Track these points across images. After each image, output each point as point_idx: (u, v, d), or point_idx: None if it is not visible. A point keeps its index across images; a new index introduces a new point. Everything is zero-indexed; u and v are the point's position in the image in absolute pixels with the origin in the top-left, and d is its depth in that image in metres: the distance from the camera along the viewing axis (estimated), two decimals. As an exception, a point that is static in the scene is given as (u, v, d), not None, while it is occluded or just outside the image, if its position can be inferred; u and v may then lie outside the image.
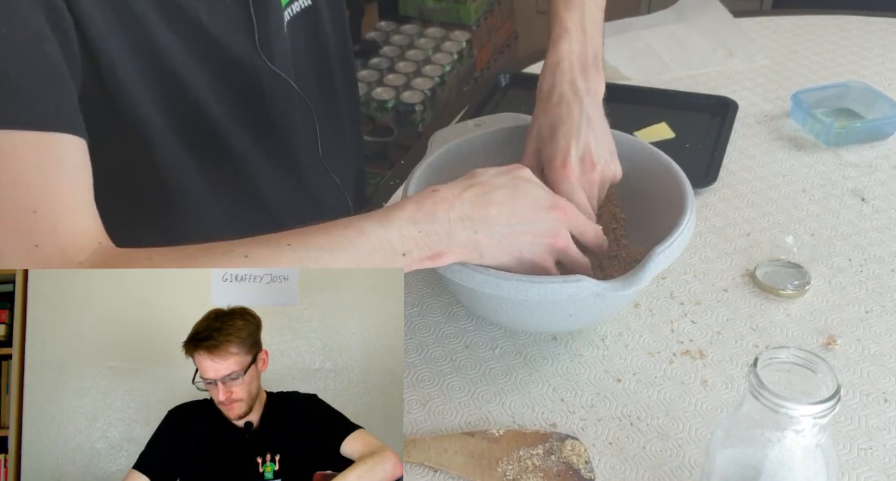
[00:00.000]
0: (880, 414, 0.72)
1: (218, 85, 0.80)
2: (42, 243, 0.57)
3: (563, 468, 0.68)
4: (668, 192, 0.80)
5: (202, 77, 0.78)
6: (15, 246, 0.56)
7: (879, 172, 1.05)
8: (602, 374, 0.78)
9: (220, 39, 0.77)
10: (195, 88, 0.78)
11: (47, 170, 0.58)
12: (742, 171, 1.06)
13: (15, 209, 0.57)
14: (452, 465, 0.69)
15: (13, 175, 0.57)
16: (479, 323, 0.84)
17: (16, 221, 0.57)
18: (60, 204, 0.59)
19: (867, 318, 0.82)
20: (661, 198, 0.81)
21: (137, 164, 0.78)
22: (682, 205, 0.76)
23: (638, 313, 0.84)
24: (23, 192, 0.57)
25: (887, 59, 1.32)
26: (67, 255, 0.58)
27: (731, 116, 1.15)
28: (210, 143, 0.82)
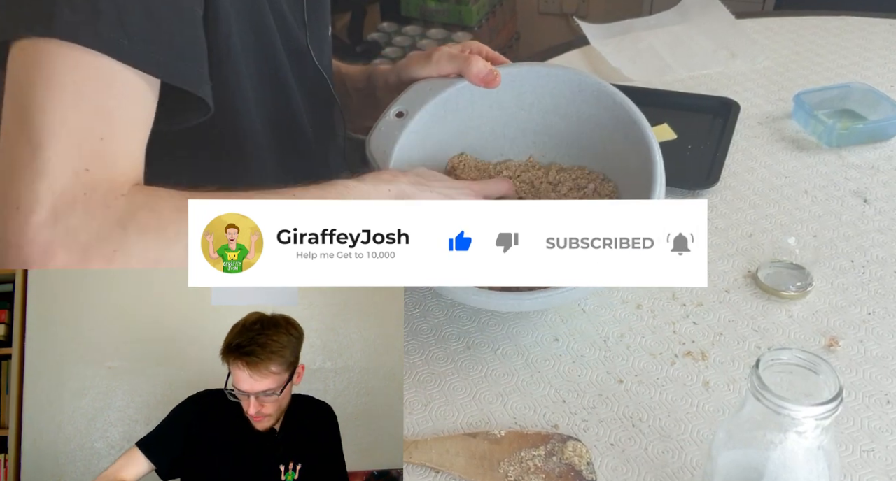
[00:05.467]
0: (882, 416, 0.72)
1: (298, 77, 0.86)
2: (94, 169, 0.56)
3: (564, 469, 0.68)
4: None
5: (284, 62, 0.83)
6: (69, 164, 0.56)
7: (882, 174, 1.04)
8: (604, 375, 0.77)
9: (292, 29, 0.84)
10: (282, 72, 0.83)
11: (131, 108, 0.60)
12: (744, 173, 1.06)
13: (85, 131, 0.57)
14: (454, 466, 0.69)
15: (99, 101, 0.57)
16: (481, 324, 0.83)
17: (80, 143, 0.57)
18: (127, 139, 0.60)
19: (869, 320, 0.82)
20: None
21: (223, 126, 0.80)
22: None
23: (640, 314, 0.84)
24: (99, 119, 0.57)
25: (890, 60, 1.32)
26: (114, 185, 0.57)
27: (733, 117, 1.15)
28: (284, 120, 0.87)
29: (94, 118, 0.57)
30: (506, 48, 2.78)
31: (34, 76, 0.56)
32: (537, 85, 0.89)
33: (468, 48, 0.89)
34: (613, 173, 0.88)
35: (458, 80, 0.85)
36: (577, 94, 0.87)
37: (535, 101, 0.90)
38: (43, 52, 0.56)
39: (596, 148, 0.88)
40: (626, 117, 0.84)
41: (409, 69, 0.88)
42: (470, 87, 0.86)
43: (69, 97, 0.56)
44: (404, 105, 0.84)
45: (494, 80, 0.84)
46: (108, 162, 0.57)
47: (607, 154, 0.87)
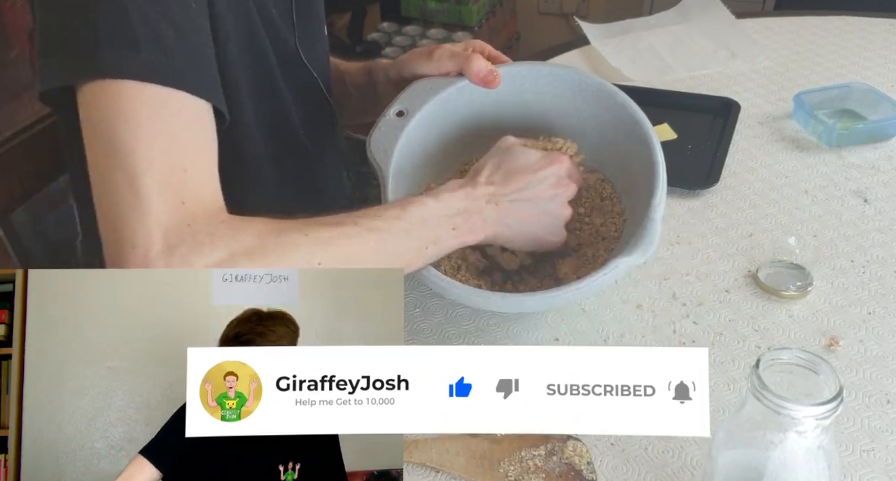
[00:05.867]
0: (883, 416, 0.72)
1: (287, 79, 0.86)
2: (188, 201, 0.59)
3: (564, 469, 0.68)
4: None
5: (274, 65, 0.83)
6: (166, 200, 0.58)
7: (882, 173, 1.04)
8: (603, 375, 0.77)
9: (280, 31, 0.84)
10: (273, 75, 0.83)
11: (199, 133, 0.62)
12: (744, 173, 1.06)
13: (169, 165, 0.59)
14: (454, 466, 0.69)
15: (173, 133, 0.59)
16: (482, 324, 0.83)
17: (169, 176, 0.59)
18: (205, 166, 0.62)
19: (869, 320, 0.82)
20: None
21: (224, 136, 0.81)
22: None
23: (640, 314, 0.84)
24: (178, 150, 0.59)
25: (890, 60, 1.31)
26: (210, 214, 0.60)
27: (733, 117, 1.15)
28: (278, 123, 0.87)
29: (174, 151, 0.60)
30: (506, 48, 2.77)
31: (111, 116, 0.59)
32: (538, 84, 0.89)
33: (470, 46, 0.89)
34: (613, 173, 0.88)
35: (459, 79, 0.85)
36: (577, 94, 0.87)
37: (535, 100, 0.90)
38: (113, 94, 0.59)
39: (596, 148, 0.87)
40: (627, 117, 0.84)
41: (411, 65, 0.88)
42: (470, 87, 0.86)
43: (148, 132, 0.59)
44: (404, 104, 0.84)
45: (494, 80, 0.83)
46: (198, 191, 0.60)
47: (608, 154, 0.87)
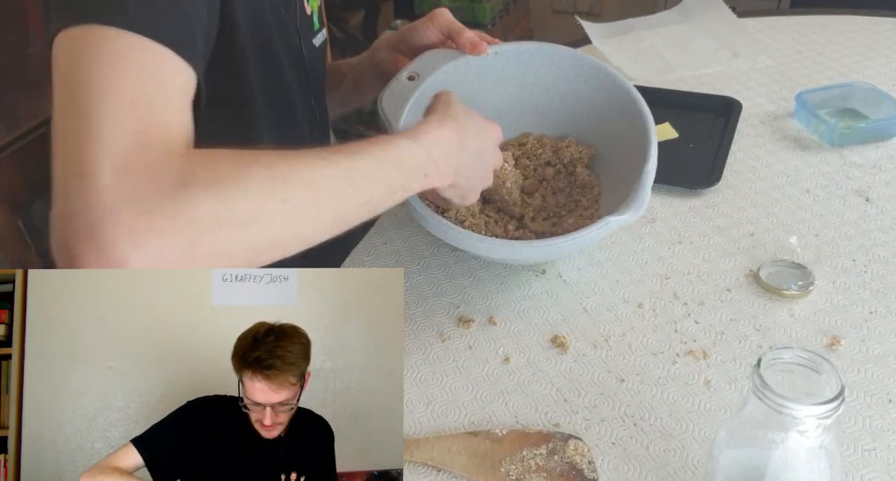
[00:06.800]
0: (884, 415, 0.72)
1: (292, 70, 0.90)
2: (147, 131, 0.57)
3: (566, 468, 0.68)
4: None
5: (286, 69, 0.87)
6: (123, 127, 0.56)
7: (884, 173, 1.04)
8: (605, 374, 0.77)
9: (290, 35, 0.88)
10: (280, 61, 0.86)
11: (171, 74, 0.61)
12: (746, 172, 1.06)
13: (135, 96, 0.58)
14: (455, 465, 0.69)
15: (141, 71, 0.59)
16: (483, 324, 0.83)
17: (131, 106, 0.57)
18: (175, 102, 0.61)
19: (871, 319, 0.82)
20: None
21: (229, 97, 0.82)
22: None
23: (641, 313, 0.84)
24: (146, 85, 0.59)
25: (892, 60, 1.31)
26: (170, 146, 0.57)
27: (734, 117, 1.15)
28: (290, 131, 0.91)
29: (140, 84, 0.58)
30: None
31: (75, 59, 0.58)
32: (541, 63, 0.95)
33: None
34: (607, 147, 0.94)
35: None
36: (577, 74, 0.94)
37: (538, 80, 0.96)
38: (80, 39, 0.58)
39: (591, 125, 0.94)
40: (625, 96, 0.90)
41: (411, 29, 0.96)
42: (477, 61, 0.91)
43: (113, 68, 0.57)
44: (416, 69, 0.90)
45: (480, 45, 0.91)
46: (161, 123, 0.58)
47: (602, 129, 0.94)
